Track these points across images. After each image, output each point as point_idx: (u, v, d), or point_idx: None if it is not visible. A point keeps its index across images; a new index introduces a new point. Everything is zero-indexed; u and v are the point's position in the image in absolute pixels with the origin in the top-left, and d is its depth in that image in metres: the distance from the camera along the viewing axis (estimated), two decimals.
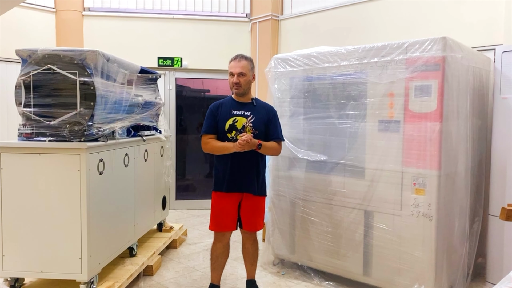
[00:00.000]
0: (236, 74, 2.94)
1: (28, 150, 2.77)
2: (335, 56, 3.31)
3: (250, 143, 2.78)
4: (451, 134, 2.89)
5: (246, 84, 2.98)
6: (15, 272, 2.84)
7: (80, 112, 2.79)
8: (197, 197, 6.35)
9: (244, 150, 2.81)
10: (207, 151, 2.97)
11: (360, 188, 3.18)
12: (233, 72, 2.96)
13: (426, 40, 2.84)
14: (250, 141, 2.78)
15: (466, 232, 3.12)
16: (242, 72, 2.95)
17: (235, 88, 2.97)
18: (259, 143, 2.85)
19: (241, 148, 2.79)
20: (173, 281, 3.50)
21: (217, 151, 2.93)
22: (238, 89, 2.96)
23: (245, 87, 2.98)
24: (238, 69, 2.95)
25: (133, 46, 5.85)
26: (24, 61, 2.90)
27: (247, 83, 2.99)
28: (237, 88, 2.96)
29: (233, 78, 2.96)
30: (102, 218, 2.98)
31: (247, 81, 2.98)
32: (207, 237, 4.71)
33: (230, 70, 2.98)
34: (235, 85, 2.96)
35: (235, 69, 2.95)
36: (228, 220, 2.97)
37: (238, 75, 2.94)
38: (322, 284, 3.40)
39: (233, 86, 2.97)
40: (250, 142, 2.78)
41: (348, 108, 3.24)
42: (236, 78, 2.94)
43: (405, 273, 2.95)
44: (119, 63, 3.27)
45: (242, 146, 2.78)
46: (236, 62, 2.97)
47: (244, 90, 2.98)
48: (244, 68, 2.96)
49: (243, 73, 2.95)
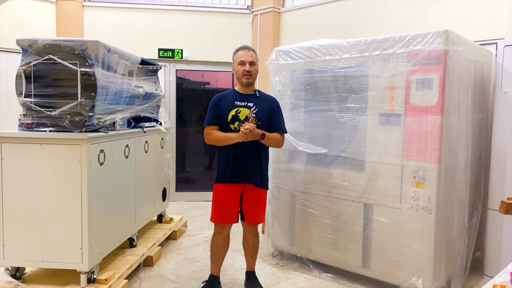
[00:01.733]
0: (248, 62, 2.92)
1: (29, 140, 2.78)
2: (337, 49, 3.30)
3: (253, 133, 2.76)
4: (452, 128, 2.89)
5: (256, 73, 2.98)
6: (16, 261, 2.86)
7: (81, 102, 2.79)
8: (197, 189, 6.37)
9: (247, 139, 2.79)
10: (210, 142, 2.95)
11: (360, 181, 3.18)
12: (244, 60, 2.93)
13: (428, 33, 2.82)
14: (253, 131, 2.76)
15: (465, 225, 3.13)
16: (253, 61, 2.95)
17: (245, 77, 2.93)
18: (262, 133, 2.83)
19: (244, 138, 2.77)
20: (173, 272, 3.52)
21: (220, 141, 2.91)
22: (249, 78, 2.94)
23: (255, 77, 2.98)
24: (249, 57, 2.93)
25: (134, 37, 5.82)
26: (25, 51, 2.89)
27: (256, 73, 2.99)
28: (248, 77, 2.94)
29: (244, 66, 2.92)
30: (103, 208, 2.99)
31: (256, 71, 2.98)
32: (207, 229, 4.73)
33: (241, 59, 2.94)
34: (246, 73, 2.92)
35: (246, 58, 2.93)
36: (230, 212, 2.98)
37: (250, 63, 2.93)
38: (321, 275, 3.42)
39: (244, 75, 2.93)
40: (253, 131, 2.75)
41: (349, 101, 3.23)
42: (248, 66, 2.92)
43: (404, 265, 2.97)
44: (120, 54, 3.26)
45: (245, 135, 2.75)
46: (245, 51, 2.95)
47: (254, 79, 2.98)
48: (254, 58, 2.96)
49: (253, 62, 2.95)
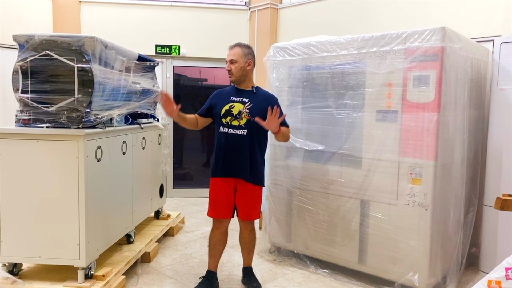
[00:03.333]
0: (228, 61, 2.97)
1: (26, 136, 2.77)
2: (334, 46, 3.30)
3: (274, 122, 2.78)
4: (448, 125, 2.90)
5: (238, 71, 2.97)
6: (13, 257, 2.86)
7: (78, 98, 2.78)
8: (194, 186, 6.37)
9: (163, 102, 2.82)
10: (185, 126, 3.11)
11: (356, 177, 3.20)
12: (226, 59, 2.99)
13: (425, 30, 2.83)
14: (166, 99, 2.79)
15: (460, 222, 3.16)
16: (233, 59, 2.96)
17: (228, 76, 3.00)
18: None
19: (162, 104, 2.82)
20: (170, 268, 3.53)
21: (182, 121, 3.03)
22: (231, 77, 2.99)
23: (237, 74, 2.97)
24: (229, 56, 2.98)
25: (131, 33, 5.79)
26: (22, 46, 2.87)
27: (239, 70, 2.97)
28: (230, 76, 3.00)
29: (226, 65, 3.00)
30: (100, 204, 2.99)
31: (238, 68, 2.96)
32: (204, 225, 4.74)
33: (226, 58, 3.01)
34: (228, 72, 2.99)
35: (228, 56, 2.99)
36: (224, 206, 2.98)
37: (230, 62, 2.97)
38: (318, 271, 3.44)
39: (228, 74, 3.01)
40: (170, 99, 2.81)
41: (346, 98, 3.24)
42: (228, 65, 2.98)
43: (400, 261, 2.99)
44: (117, 50, 3.25)
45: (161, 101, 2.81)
46: (229, 50, 3.01)
47: (237, 77, 2.98)
48: (235, 55, 2.95)
49: (233, 60, 2.96)
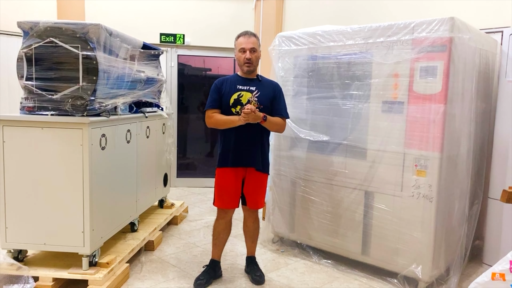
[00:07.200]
0: (249, 50, 2.89)
1: (31, 123, 2.77)
2: (341, 35, 3.26)
3: (255, 115, 2.73)
4: (455, 117, 2.87)
5: (257, 60, 2.95)
6: (18, 244, 2.88)
7: (82, 86, 2.77)
8: (198, 175, 6.39)
9: (249, 121, 2.76)
10: (211, 126, 2.93)
11: (361, 168, 3.18)
12: (245, 48, 2.89)
13: (433, 20, 2.79)
14: (255, 112, 2.73)
15: (465, 214, 3.14)
16: (254, 47, 2.91)
17: (246, 65, 2.90)
18: (264, 115, 2.80)
19: (245, 119, 2.74)
20: (174, 256, 3.55)
21: (221, 124, 2.89)
22: (250, 66, 2.92)
23: (256, 64, 2.95)
24: (250, 44, 2.89)
25: (136, 21, 5.75)
26: (26, 33, 2.86)
27: (257, 60, 2.96)
28: (249, 65, 2.91)
29: (245, 54, 2.89)
30: (104, 192, 2.99)
31: (257, 58, 2.95)
32: (208, 214, 4.76)
33: (242, 46, 2.90)
34: (247, 61, 2.89)
35: (247, 45, 2.89)
36: (232, 196, 2.98)
37: (251, 51, 2.89)
38: (321, 262, 3.45)
39: (245, 63, 2.90)
40: (255, 113, 2.73)
41: (352, 88, 3.21)
42: (248, 54, 2.88)
43: (403, 253, 2.99)
44: (122, 38, 3.23)
45: (247, 116, 2.72)
46: (246, 37, 2.91)
47: (255, 67, 2.95)
48: (255, 44, 2.92)
49: (254, 49, 2.91)
